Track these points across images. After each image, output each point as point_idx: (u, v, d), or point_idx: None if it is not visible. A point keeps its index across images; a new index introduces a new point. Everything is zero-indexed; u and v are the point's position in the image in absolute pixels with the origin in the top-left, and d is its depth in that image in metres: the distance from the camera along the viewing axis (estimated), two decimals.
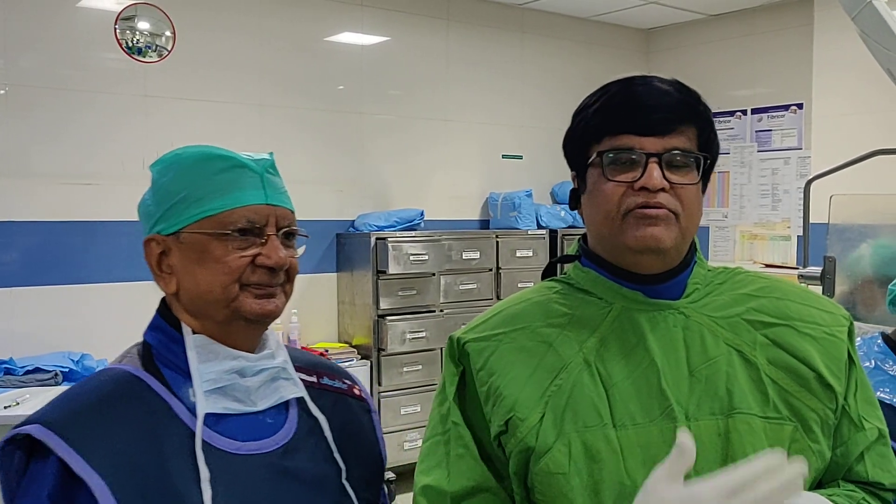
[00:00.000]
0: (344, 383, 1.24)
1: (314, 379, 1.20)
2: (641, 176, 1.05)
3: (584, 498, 1.02)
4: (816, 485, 1.10)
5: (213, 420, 1.04)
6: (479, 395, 1.11)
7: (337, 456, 1.13)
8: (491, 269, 4.86)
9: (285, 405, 1.12)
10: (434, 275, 4.62)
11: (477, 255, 4.79)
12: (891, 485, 1.12)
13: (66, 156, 3.93)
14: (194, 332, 1.08)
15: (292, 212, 1.14)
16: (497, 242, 4.89)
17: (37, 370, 3.52)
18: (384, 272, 4.45)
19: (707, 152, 1.11)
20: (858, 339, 1.64)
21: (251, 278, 1.07)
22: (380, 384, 4.53)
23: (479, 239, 4.84)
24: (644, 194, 1.04)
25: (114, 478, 0.95)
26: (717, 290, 1.14)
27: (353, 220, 4.81)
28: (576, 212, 1.19)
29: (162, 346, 1.08)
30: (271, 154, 1.14)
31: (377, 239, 4.49)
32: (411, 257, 4.49)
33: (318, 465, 1.11)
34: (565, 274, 1.21)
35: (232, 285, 1.05)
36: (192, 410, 1.03)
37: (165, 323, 1.10)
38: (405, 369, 4.54)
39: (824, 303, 1.17)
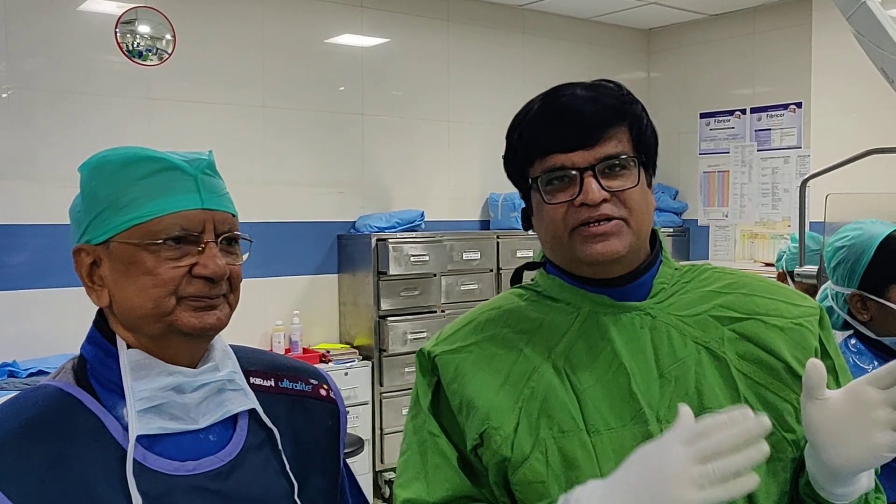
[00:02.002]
0: (308, 384, 1.15)
1: (271, 383, 1.12)
2: (579, 192, 1.04)
3: None
4: (797, 469, 1.11)
5: (148, 440, 0.97)
6: (453, 407, 1.11)
7: (289, 471, 1.05)
8: (492, 270, 4.87)
9: (234, 418, 1.04)
10: (435, 275, 4.64)
11: (478, 255, 4.81)
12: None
13: (71, 158, 3.93)
14: (130, 346, 1.00)
15: (234, 215, 1.05)
16: (498, 243, 4.90)
17: (40, 373, 3.54)
18: (385, 273, 4.47)
19: (642, 148, 1.09)
20: (839, 341, 1.67)
21: (188, 290, 0.98)
22: (381, 385, 4.55)
23: (479, 239, 4.86)
24: (586, 209, 1.04)
25: None
26: (683, 289, 1.14)
27: (354, 222, 4.83)
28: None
29: (97, 361, 1.01)
30: (210, 153, 1.05)
31: (378, 240, 4.50)
32: (412, 258, 4.51)
33: (268, 481, 1.03)
34: (532, 281, 1.21)
35: (167, 299, 0.97)
36: (126, 429, 0.96)
37: (101, 336, 1.02)
38: (407, 370, 4.55)
39: (792, 296, 1.17)
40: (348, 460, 4.44)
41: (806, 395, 0.98)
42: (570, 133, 1.05)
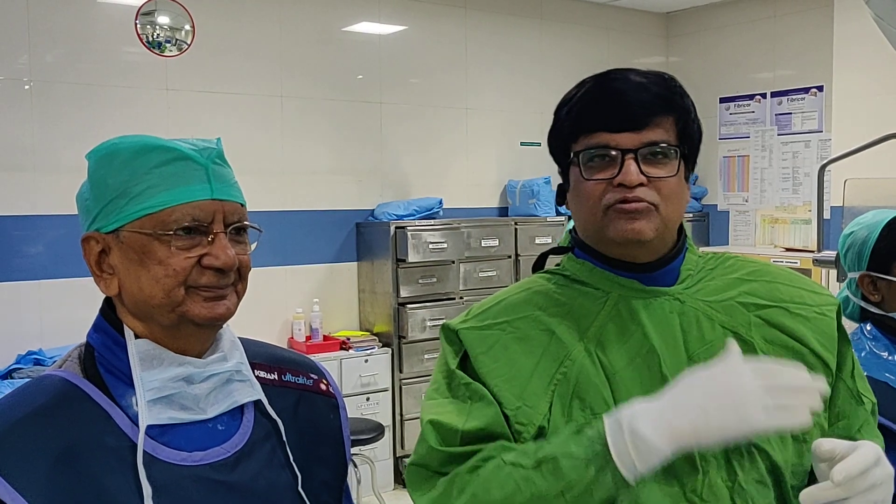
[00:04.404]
0: (309, 378, 1.16)
1: (275, 376, 1.12)
2: (618, 173, 1.06)
3: None
4: None
5: (157, 430, 0.97)
6: (480, 374, 1.10)
7: (293, 463, 1.06)
8: (510, 257, 4.88)
9: (240, 409, 1.05)
10: (453, 262, 4.65)
11: (496, 242, 4.81)
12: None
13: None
14: (138, 336, 1.00)
15: (242, 205, 1.04)
16: (516, 230, 4.90)
17: None
18: (404, 261, 4.49)
19: (686, 140, 1.11)
20: (855, 328, 1.67)
21: (199, 280, 0.98)
22: (401, 371, 4.58)
23: (497, 226, 4.86)
24: (622, 190, 1.06)
25: (43, 500, 0.88)
26: (709, 276, 1.17)
27: (373, 210, 4.85)
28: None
29: (105, 350, 1.01)
30: (218, 141, 1.04)
31: (396, 228, 4.52)
32: (430, 245, 4.52)
33: (272, 473, 1.03)
34: (559, 265, 1.22)
35: (177, 289, 0.97)
36: (134, 421, 0.96)
37: (108, 325, 1.02)
38: (426, 356, 4.58)
39: (812, 285, 1.20)
40: (368, 447, 4.43)
41: (815, 459, 1.03)
42: (620, 114, 1.07)
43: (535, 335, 1.12)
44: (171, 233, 0.97)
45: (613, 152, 1.07)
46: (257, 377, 1.08)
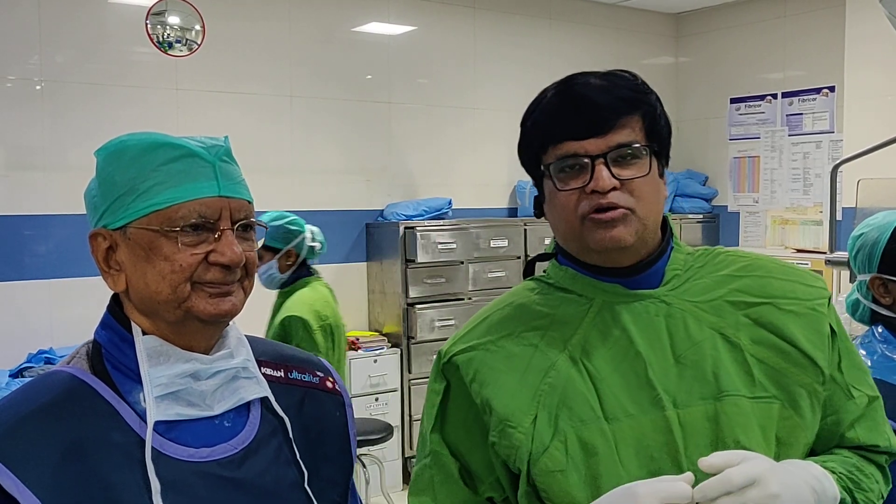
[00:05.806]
0: (315, 376, 1.16)
1: (281, 374, 1.13)
2: (590, 180, 1.05)
3: (585, 493, 1.04)
4: (809, 454, 1.12)
5: (164, 427, 0.97)
6: (477, 405, 1.12)
7: (300, 460, 1.07)
8: (519, 257, 4.87)
9: (247, 406, 1.05)
10: (462, 263, 4.65)
11: (505, 242, 4.81)
12: (885, 447, 1.14)
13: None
14: (146, 332, 1.01)
15: (249, 202, 1.04)
16: (525, 230, 4.90)
17: None
18: (413, 261, 4.49)
19: (654, 137, 1.10)
20: (865, 331, 1.65)
21: (205, 276, 0.98)
22: (409, 371, 4.58)
23: (506, 227, 4.86)
24: (596, 196, 1.05)
25: (50, 495, 0.88)
26: (697, 275, 1.15)
27: (382, 210, 4.85)
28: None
29: (112, 346, 1.01)
30: (226, 139, 1.05)
31: (406, 228, 4.52)
32: (439, 246, 4.52)
33: (278, 469, 1.04)
34: (545, 273, 1.22)
35: (183, 285, 0.97)
36: (142, 417, 0.96)
37: (115, 321, 1.03)
38: (434, 357, 4.57)
39: (805, 276, 1.17)
40: (377, 447, 4.43)
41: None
42: (584, 121, 1.06)
43: (518, 352, 1.12)
44: (178, 229, 0.97)
45: (584, 160, 1.06)
46: (264, 374, 1.09)
